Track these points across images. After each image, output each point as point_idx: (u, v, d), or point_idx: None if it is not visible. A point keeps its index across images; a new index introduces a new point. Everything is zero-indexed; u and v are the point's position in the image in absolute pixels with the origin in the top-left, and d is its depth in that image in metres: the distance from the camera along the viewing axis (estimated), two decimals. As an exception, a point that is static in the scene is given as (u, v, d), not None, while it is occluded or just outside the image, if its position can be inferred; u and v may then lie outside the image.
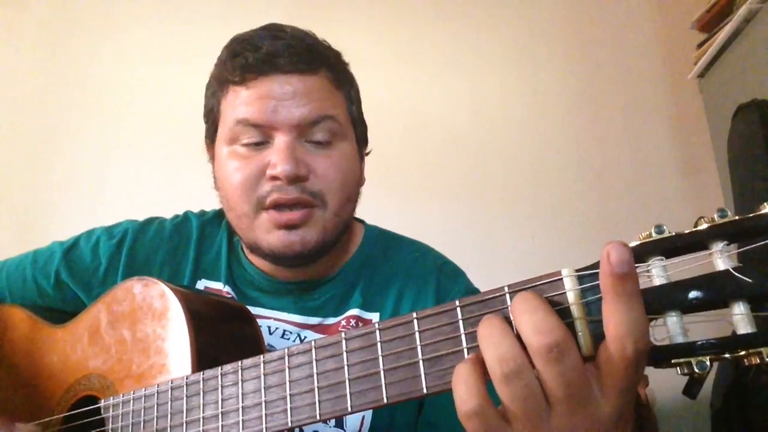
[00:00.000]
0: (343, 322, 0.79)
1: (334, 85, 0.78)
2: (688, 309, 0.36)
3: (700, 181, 1.86)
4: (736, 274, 0.34)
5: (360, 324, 0.80)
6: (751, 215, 0.34)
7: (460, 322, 0.43)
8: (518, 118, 1.98)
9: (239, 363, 0.55)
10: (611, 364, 0.37)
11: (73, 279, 0.84)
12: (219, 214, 0.90)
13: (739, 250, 0.34)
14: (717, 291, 0.34)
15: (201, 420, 0.56)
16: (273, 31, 0.77)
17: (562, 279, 0.39)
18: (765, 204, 0.34)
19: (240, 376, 0.54)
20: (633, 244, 0.38)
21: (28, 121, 2.06)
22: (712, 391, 1.48)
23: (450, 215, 1.91)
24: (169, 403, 0.59)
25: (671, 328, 0.36)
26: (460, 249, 1.92)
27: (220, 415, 0.55)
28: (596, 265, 0.38)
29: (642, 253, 0.38)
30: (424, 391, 0.43)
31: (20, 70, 2.10)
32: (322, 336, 0.78)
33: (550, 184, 1.91)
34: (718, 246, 0.35)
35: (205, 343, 0.63)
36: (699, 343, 0.35)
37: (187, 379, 0.59)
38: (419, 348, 0.44)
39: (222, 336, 0.68)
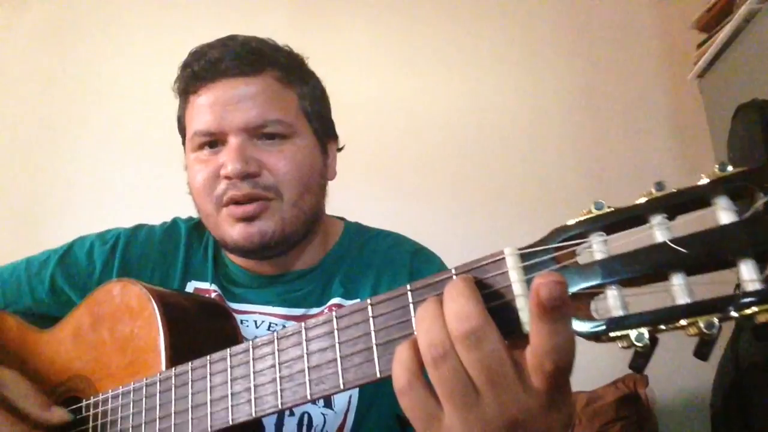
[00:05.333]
0: (326, 311, 0.82)
1: (281, 84, 0.81)
2: (628, 282, 0.36)
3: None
4: (672, 245, 0.33)
5: None
6: (687, 187, 0.34)
7: (411, 305, 0.43)
8: (518, 118, 1.98)
9: (208, 357, 0.56)
10: (532, 370, 0.38)
11: (68, 283, 0.86)
12: None
13: (674, 222, 0.35)
14: (654, 263, 0.34)
15: (173, 415, 0.57)
16: (224, 40, 0.82)
17: (505, 258, 0.40)
18: (702, 175, 0.34)
19: (208, 370, 0.55)
20: (573, 221, 0.38)
21: (28, 121, 2.06)
22: (712, 391, 1.48)
23: (449, 215, 1.91)
24: (143, 399, 0.61)
25: (611, 302, 0.36)
26: (459, 249, 1.92)
27: (190, 409, 0.56)
28: (539, 243, 0.39)
29: (583, 231, 0.38)
30: (378, 375, 0.43)
31: (20, 70, 2.11)
32: None
33: (550, 184, 1.91)
34: (657, 219, 0.35)
35: (181, 340, 0.65)
36: (635, 315, 0.35)
37: (160, 375, 0.60)
38: (373, 334, 0.44)
39: (198, 333, 0.69)
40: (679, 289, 0.34)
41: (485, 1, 2.08)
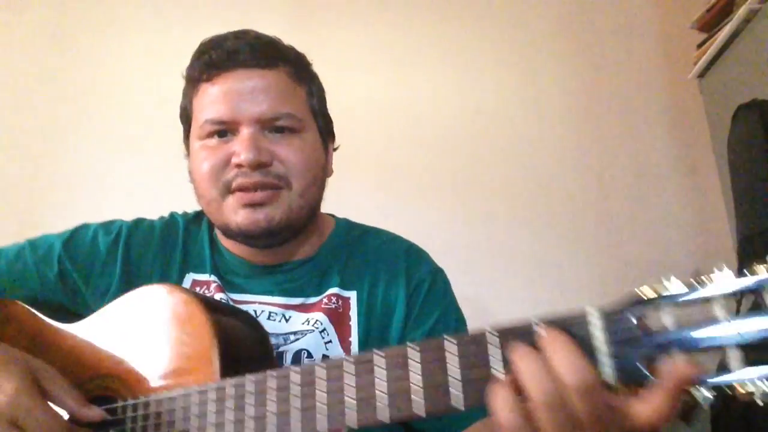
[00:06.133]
0: (325, 300, 0.86)
1: (293, 79, 0.85)
2: (694, 350, 0.43)
3: (700, 181, 1.86)
4: (734, 327, 0.41)
5: (340, 301, 0.86)
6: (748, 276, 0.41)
7: (490, 346, 0.48)
8: (518, 119, 1.98)
9: (268, 372, 0.57)
10: (636, 420, 0.45)
11: (74, 267, 0.87)
12: (201, 213, 0.95)
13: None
14: (714, 335, 0.42)
15: (232, 422, 0.57)
16: (238, 32, 0.85)
17: (587, 316, 0.46)
18: (762, 266, 0.41)
19: (271, 384, 0.56)
20: (648, 293, 0.45)
21: (28, 121, 2.06)
22: (713, 391, 1.48)
23: (449, 216, 1.92)
24: (196, 406, 0.61)
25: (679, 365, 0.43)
26: (459, 249, 1.93)
27: (248, 419, 0.56)
28: (619, 306, 0.45)
29: (656, 301, 0.44)
30: (462, 408, 0.48)
31: (20, 70, 2.10)
32: (305, 315, 0.83)
33: (550, 184, 1.91)
34: (717, 300, 0.42)
35: (229, 349, 0.65)
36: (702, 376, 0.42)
37: (216, 384, 0.60)
38: (452, 369, 0.48)
39: (242, 342, 0.70)
40: (734, 359, 0.41)
41: (485, 1, 2.08)
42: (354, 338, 0.83)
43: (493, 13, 2.07)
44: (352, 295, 0.87)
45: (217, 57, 0.81)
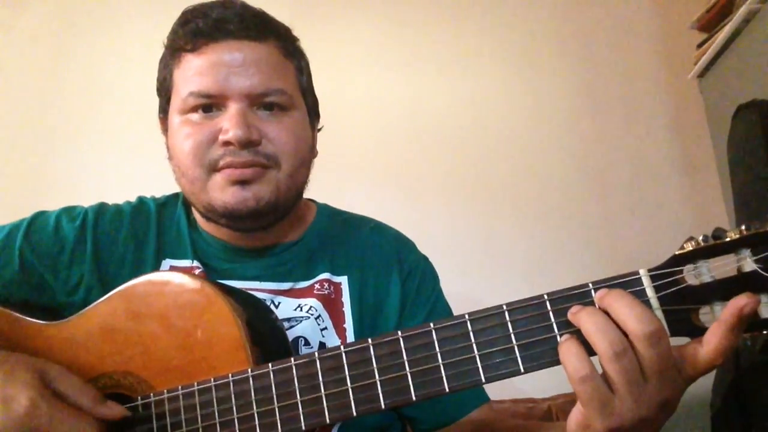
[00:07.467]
0: (317, 286, 0.84)
1: (283, 55, 0.81)
2: (728, 298, 0.48)
3: (700, 181, 1.87)
4: (762, 273, 0.47)
5: (331, 287, 0.85)
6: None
7: (550, 313, 0.52)
8: (518, 119, 1.99)
9: (316, 353, 0.58)
10: (695, 362, 0.49)
11: (39, 259, 0.80)
12: (174, 196, 0.93)
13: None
14: (748, 286, 0.47)
15: (276, 409, 0.58)
16: (224, 1, 0.80)
17: (640, 278, 0.51)
18: None
19: (319, 366, 0.57)
20: (687, 249, 0.50)
21: (28, 121, 2.06)
22: (712, 391, 1.48)
23: (451, 215, 1.93)
24: (236, 395, 0.60)
25: (717, 315, 0.49)
26: (461, 248, 1.94)
27: (299, 402, 0.57)
28: (664, 266, 0.50)
29: (690, 257, 0.50)
30: (522, 370, 0.52)
31: (20, 70, 2.11)
32: (295, 300, 0.83)
33: (550, 183, 1.92)
34: (745, 252, 0.47)
35: (254, 335, 0.65)
36: None
37: (257, 371, 0.60)
38: (513, 335, 0.53)
39: (263, 326, 0.69)
40: (765, 304, 0.46)
41: (487, 2, 2.09)
42: (348, 324, 0.82)
43: (494, 12, 2.08)
44: (344, 281, 0.85)
45: (204, 26, 0.76)
